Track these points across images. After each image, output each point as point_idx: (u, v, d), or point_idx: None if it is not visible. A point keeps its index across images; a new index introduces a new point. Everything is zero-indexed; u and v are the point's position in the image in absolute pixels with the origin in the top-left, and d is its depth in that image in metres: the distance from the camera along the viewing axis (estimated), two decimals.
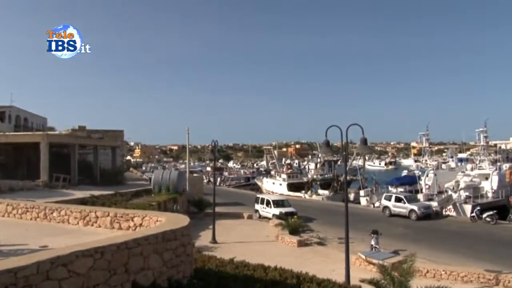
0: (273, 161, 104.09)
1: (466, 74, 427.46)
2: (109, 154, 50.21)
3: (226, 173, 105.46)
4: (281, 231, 29.64)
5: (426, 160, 63.01)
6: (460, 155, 76.51)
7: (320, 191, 61.29)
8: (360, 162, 70.02)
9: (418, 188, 49.17)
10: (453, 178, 47.06)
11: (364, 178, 61.72)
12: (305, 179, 69.99)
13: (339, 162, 67.29)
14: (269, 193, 59.57)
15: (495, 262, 21.96)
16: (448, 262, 22.22)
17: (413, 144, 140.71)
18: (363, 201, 51.43)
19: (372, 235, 24.92)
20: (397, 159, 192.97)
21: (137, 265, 8.00)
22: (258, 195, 44.32)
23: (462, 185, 43.47)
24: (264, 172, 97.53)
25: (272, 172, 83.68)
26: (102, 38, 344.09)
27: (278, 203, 38.98)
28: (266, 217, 37.97)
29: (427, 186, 47.73)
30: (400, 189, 50.14)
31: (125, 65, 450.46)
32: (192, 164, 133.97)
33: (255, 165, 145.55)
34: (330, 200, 55.18)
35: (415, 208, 37.94)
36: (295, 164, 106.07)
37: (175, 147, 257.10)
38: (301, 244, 26.88)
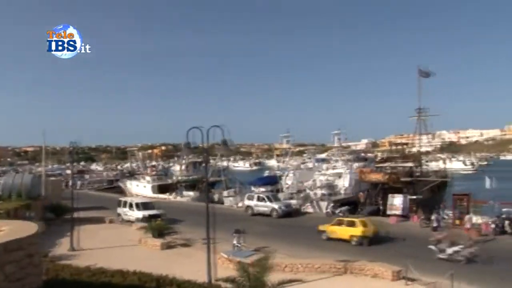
0: (138, 163, 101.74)
1: (324, 81, 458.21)
2: None
3: (88, 176, 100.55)
4: (144, 234, 29.07)
5: (287, 161, 66.07)
6: (319, 156, 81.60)
7: (186, 193, 61.11)
8: (224, 163, 71.23)
9: (279, 188, 51.32)
10: (312, 177, 50.05)
11: (228, 178, 62.87)
12: (170, 181, 69.34)
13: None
14: (133, 196, 58.02)
15: (345, 252, 23.96)
16: (306, 255, 23.52)
17: (276, 145, 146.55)
18: (227, 201, 52.29)
19: (235, 234, 25.52)
20: (261, 160, 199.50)
21: None
22: (121, 198, 42.93)
23: (318, 183, 46.42)
24: (128, 174, 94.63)
25: (137, 175, 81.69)
26: None
27: (142, 206, 38.06)
28: (129, 221, 36.91)
29: (287, 185, 50.11)
30: (263, 189, 51.85)
31: None
32: (50, 167, 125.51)
33: (119, 167, 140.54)
34: (196, 201, 55.25)
35: (276, 206, 39.58)
36: (160, 166, 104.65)
37: (31, 149, 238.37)
38: (165, 246, 26.68)
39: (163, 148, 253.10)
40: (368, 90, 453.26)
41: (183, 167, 74.40)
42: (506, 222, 29.19)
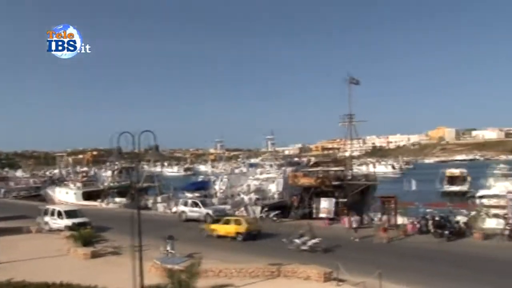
0: (68, 168, 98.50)
1: (257, 87, 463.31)
2: None
3: (12, 183, 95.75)
4: (72, 243, 27.93)
5: (220, 166, 66.19)
6: (252, 161, 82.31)
7: (117, 199, 59.69)
8: (157, 168, 70.26)
9: (212, 193, 51.22)
10: (245, 182, 50.35)
11: (161, 184, 62.04)
12: (101, 187, 67.40)
13: None
14: (61, 203, 55.91)
15: (278, 256, 24.13)
16: (240, 260, 23.56)
17: (210, 150, 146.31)
18: (160, 207, 51.59)
19: (167, 240, 25.23)
20: (195, 165, 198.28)
21: None
22: (48, 206, 41.19)
23: (251, 188, 46.77)
24: (57, 181, 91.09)
25: (66, 181, 78.88)
26: None
27: (70, 214, 36.66)
28: (57, 229, 35.49)
29: (221, 190, 50.13)
30: (196, 194, 51.60)
31: None
32: None
33: (47, 173, 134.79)
34: (127, 207, 53.99)
35: (210, 211, 39.46)
36: (91, 172, 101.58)
37: None
38: (95, 255, 25.78)
39: (94, 153, 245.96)
40: (301, 96, 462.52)
41: (115, 172, 72.66)
42: (429, 222, 30.79)
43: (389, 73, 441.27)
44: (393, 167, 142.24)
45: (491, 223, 31.24)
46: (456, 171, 74.52)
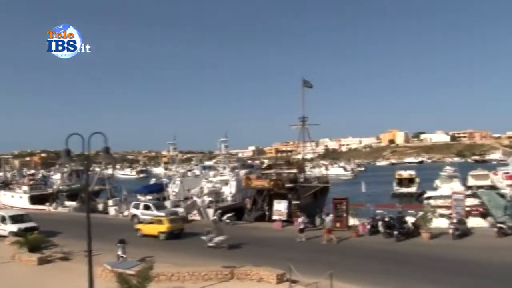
0: (14, 171, 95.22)
1: (211, 89, 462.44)
2: None
3: None
4: (18, 249, 26.89)
5: (174, 168, 65.49)
6: (206, 163, 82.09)
7: (67, 203, 57.96)
8: (109, 171, 68.87)
9: (166, 195, 50.61)
10: (199, 184, 50.05)
11: (113, 187, 60.88)
12: (50, 190, 65.39)
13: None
14: (6, 208, 53.86)
15: (231, 259, 23.95)
16: (192, 263, 23.31)
17: (164, 152, 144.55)
18: (112, 210, 50.61)
19: (119, 244, 24.70)
20: (148, 167, 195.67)
21: None
22: None
23: (205, 191, 46.53)
24: (1, 184, 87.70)
25: (12, 184, 76.07)
26: None
27: (16, 219, 35.23)
28: (1, 236, 34.09)
29: (174, 193, 49.60)
30: (149, 197, 50.93)
31: None
32: None
33: None
34: (78, 211, 52.63)
35: (162, 214, 38.92)
36: (40, 175, 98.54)
37: None
38: (43, 261, 24.86)
39: (43, 155, 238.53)
40: (255, 99, 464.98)
41: (65, 175, 70.69)
42: (380, 223, 31.50)
43: (343, 76, 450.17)
44: (345, 169, 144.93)
45: (438, 223, 32.34)
46: (405, 173, 76.62)
